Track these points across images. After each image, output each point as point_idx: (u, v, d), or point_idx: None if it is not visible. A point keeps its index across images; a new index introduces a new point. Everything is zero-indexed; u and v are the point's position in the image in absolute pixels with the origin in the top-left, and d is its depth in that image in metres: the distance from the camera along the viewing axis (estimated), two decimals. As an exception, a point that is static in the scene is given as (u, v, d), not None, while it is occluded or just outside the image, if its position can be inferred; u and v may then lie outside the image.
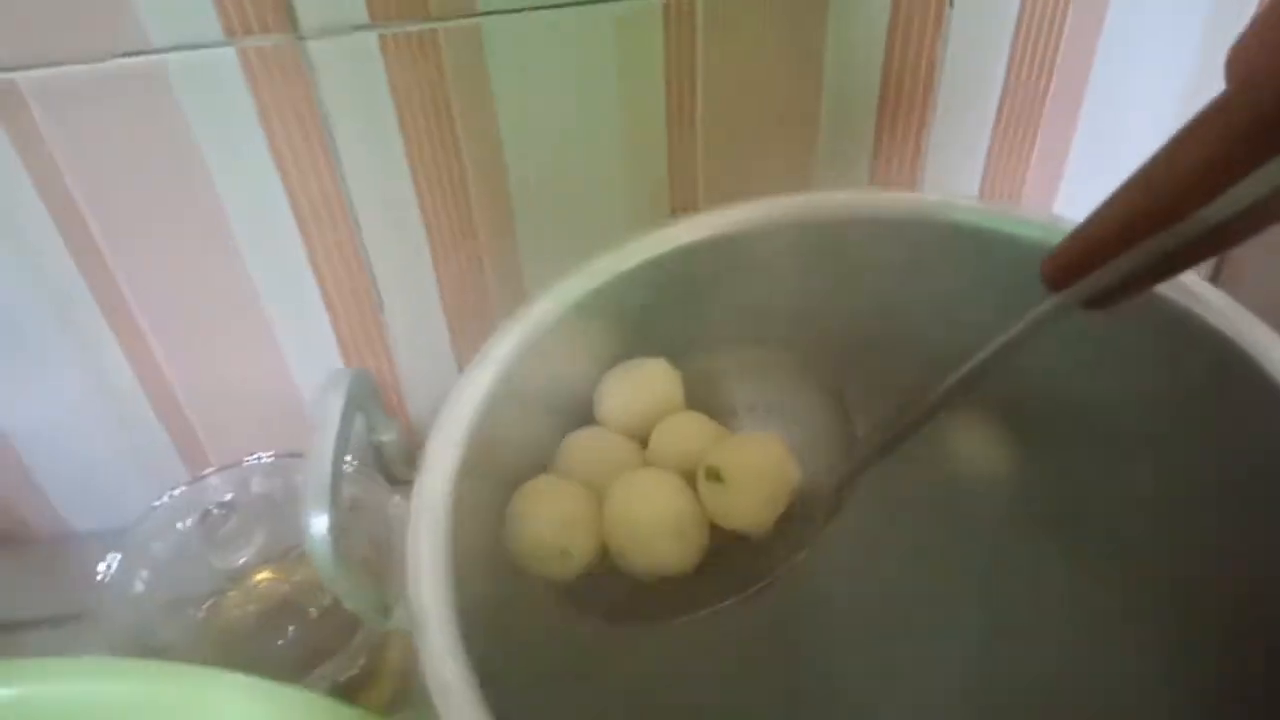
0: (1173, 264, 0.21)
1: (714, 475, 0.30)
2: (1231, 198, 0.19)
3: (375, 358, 0.44)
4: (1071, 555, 0.35)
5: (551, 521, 0.28)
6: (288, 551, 0.38)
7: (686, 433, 0.32)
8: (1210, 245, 0.21)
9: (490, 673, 0.22)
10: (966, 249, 0.33)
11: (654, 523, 0.29)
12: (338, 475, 0.22)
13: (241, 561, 0.36)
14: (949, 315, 0.34)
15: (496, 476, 0.28)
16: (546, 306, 0.30)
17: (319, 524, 0.21)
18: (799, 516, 0.31)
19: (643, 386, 0.32)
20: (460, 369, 0.28)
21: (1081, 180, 0.44)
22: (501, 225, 0.41)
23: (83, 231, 0.38)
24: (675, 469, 0.30)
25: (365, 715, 0.25)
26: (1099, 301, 0.23)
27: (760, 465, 0.30)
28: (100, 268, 0.39)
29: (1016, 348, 0.25)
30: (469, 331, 0.44)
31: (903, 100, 0.41)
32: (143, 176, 0.37)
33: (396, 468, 0.28)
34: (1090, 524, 0.35)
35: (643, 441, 0.32)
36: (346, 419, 0.23)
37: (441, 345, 0.44)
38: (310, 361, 0.44)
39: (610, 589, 0.29)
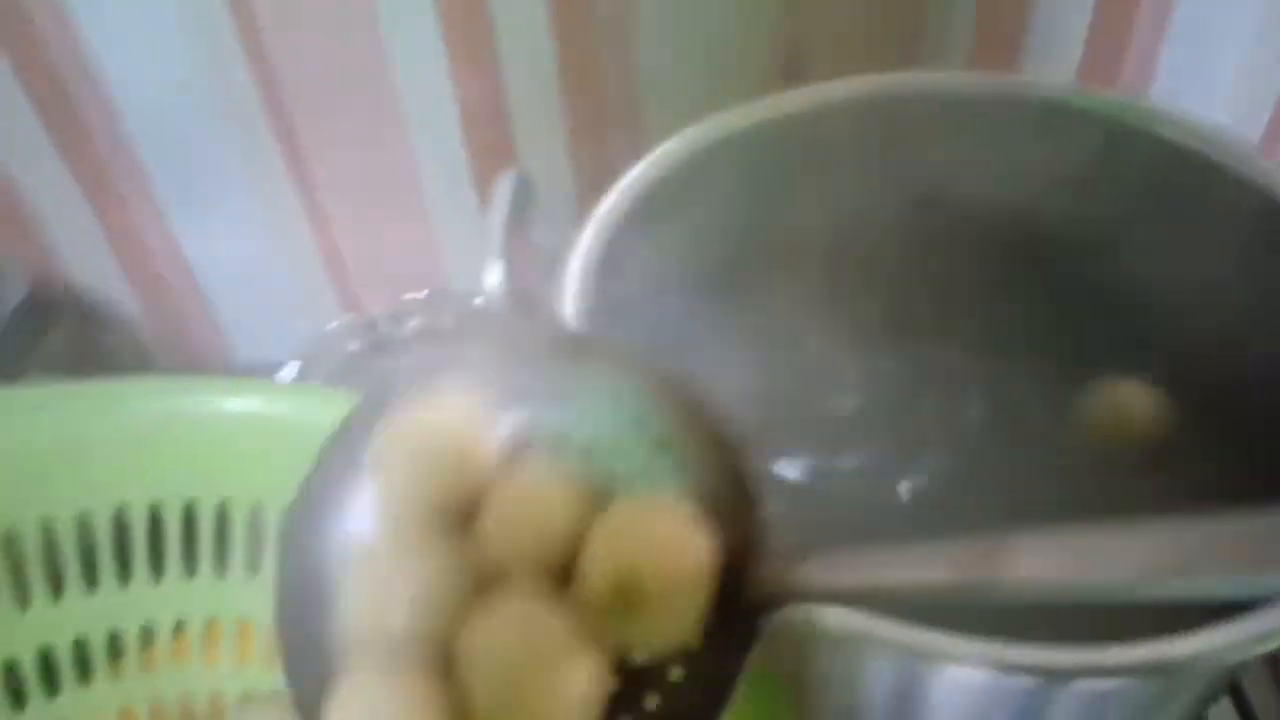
0: None
1: (626, 597, 0.19)
2: None
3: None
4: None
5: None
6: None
7: (533, 511, 0.20)
8: None
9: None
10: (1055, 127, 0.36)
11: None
12: (508, 238, 0.27)
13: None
14: (1037, 194, 0.38)
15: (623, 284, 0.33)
16: (674, 146, 0.35)
17: (496, 270, 0.27)
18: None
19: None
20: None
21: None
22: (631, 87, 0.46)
23: (274, 89, 0.44)
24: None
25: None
26: None
27: (682, 563, 0.19)
28: (284, 120, 0.45)
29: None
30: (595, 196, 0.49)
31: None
32: (328, 41, 0.43)
33: (549, 265, 0.33)
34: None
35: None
36: (516, 200, 0.28)
37: (569, 208, 0.49)
38: (456, 232, 0.50)
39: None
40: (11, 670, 0.32)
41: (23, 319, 0.39)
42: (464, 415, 0.20)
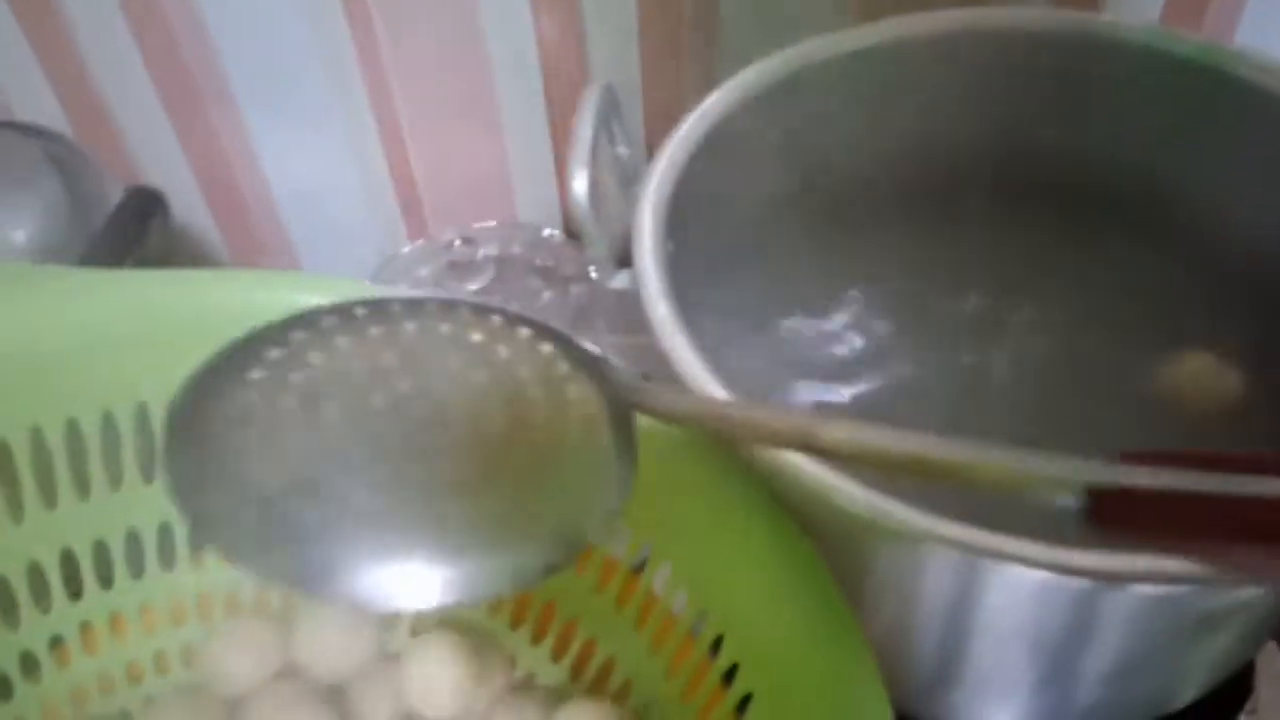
0: None
1: None
2: None
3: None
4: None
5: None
6: (508, 304, 0.45)
7: None
8: None
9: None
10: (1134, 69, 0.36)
11: None
12: (595, 148, 0.28)
13: (474, 289, 0.43)
14: (1117, 136, 0.37)
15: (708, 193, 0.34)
16: (747, 78, 0.35)
17: (581, 178, 0.27)
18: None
19: None
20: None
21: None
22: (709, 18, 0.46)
23: (360, 5, 0.45)
24: None
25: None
26: None
27: None
28: (368, 38, 0.46)
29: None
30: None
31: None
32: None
33: (627, 180, 0.34)
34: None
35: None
36: (600, 108, 0.29)
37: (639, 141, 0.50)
38: (527, 164, 0.51)
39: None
40: (100, 551, 0.33)
41: (124, 216, 0.40)
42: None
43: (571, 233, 0.55)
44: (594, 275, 0.38)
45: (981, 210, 0.40)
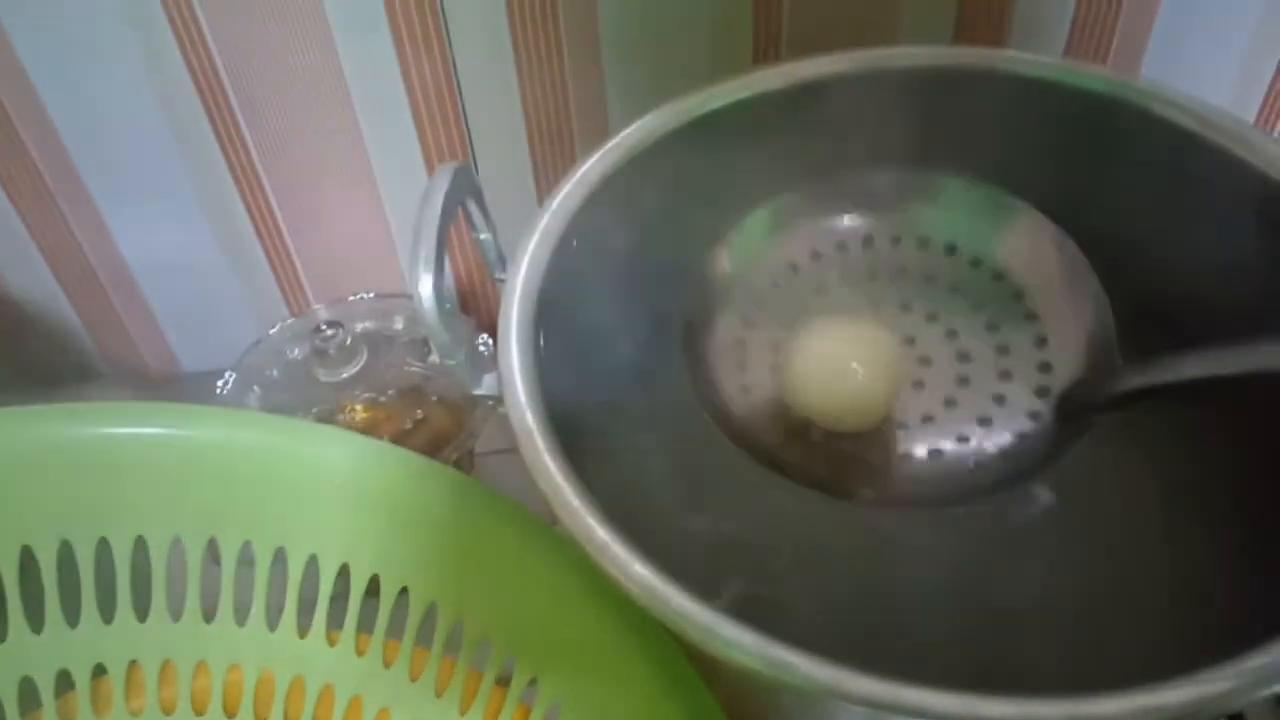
0: None
1: None
2: None
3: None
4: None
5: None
6: (384, 386, 0.41)
7: None
8: None
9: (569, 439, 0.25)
10: (1036, 103, 0.34)
11: None
12: (441, 244, 0.24)
13: (345, 376, 0.39)
14: (1019, 171, 0.36)
15: (578, 279, 0.30)
16: (633, 136, 0.32)
17: (426, 282, 0.24)
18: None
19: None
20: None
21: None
22: (590, 79, 0.43)
23: (218, 91, 0.41)
24: None
25: (444, 467, 0.28)
26: None
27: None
28: (229, 120, 0.43)
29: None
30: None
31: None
32: (270, 32, 0.40)
33: (492, 265, 0.31)
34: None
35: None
36: (450, 199, 0.25)
37: (528, 200, 0.47)
38: (408, 231, 0.47)
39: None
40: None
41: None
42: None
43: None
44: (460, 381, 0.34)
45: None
